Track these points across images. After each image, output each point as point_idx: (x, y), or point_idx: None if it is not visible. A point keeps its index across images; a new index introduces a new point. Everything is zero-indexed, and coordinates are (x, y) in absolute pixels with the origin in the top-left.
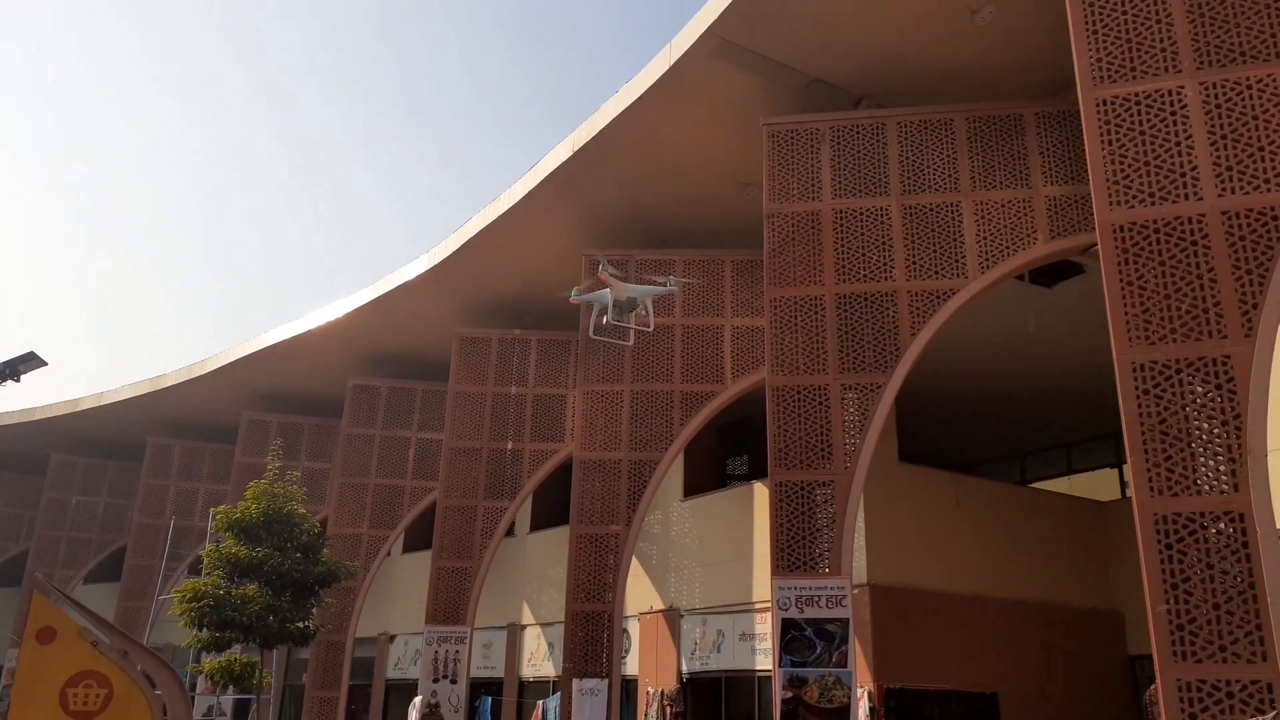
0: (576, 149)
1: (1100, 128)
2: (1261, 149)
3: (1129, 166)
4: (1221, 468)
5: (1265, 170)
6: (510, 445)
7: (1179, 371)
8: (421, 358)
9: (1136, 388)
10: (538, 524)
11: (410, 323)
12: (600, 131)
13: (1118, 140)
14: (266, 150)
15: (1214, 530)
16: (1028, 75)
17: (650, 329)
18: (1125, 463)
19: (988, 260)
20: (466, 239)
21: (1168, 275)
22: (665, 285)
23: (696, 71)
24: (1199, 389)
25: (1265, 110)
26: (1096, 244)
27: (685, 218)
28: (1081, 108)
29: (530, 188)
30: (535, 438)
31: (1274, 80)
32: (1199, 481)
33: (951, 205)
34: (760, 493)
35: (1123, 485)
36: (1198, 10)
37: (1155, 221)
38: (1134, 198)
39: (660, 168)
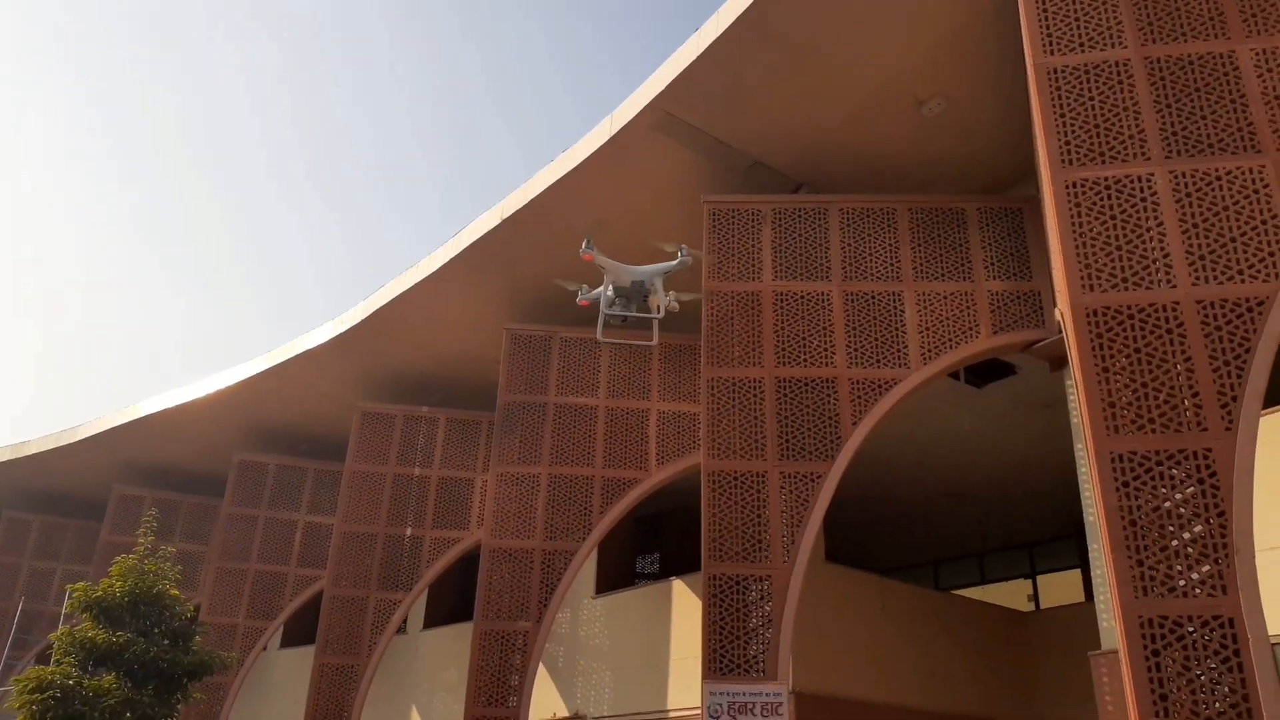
0: (505, 217)
1: (1070, 210)
2: (1234, 239)
3: (1100, 251)
4: (1207, 568)
5: (1238, 261)
6: (409, 531)
7: (1160, 464)
8: (316, 434)
9: (1116, 480)
10: (433, 620)
11: (307, 395)
12: (533, 200)
13: (1088, 224)
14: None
15: (1202, 636)
16: (971, 169)
17: (661, 314)
18: (1038, 574)
19: (930, 352)
20: (377, 307)
21: (1143, 363)
22: (677, 259)
23: (637, 144)
24: (1181, 483)
25: (1235, 201)
26: (1040, 340)
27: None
28: (1049, 190)
29: (452, 255)
30: (438, 524)
31: (1243, 172)
32: (1184, 583)
33: (894, 294)
34: (680, 591)
35: (1036, 597)
36: (1165, 100)
37: (1129, 307)
38: (1106, 282)
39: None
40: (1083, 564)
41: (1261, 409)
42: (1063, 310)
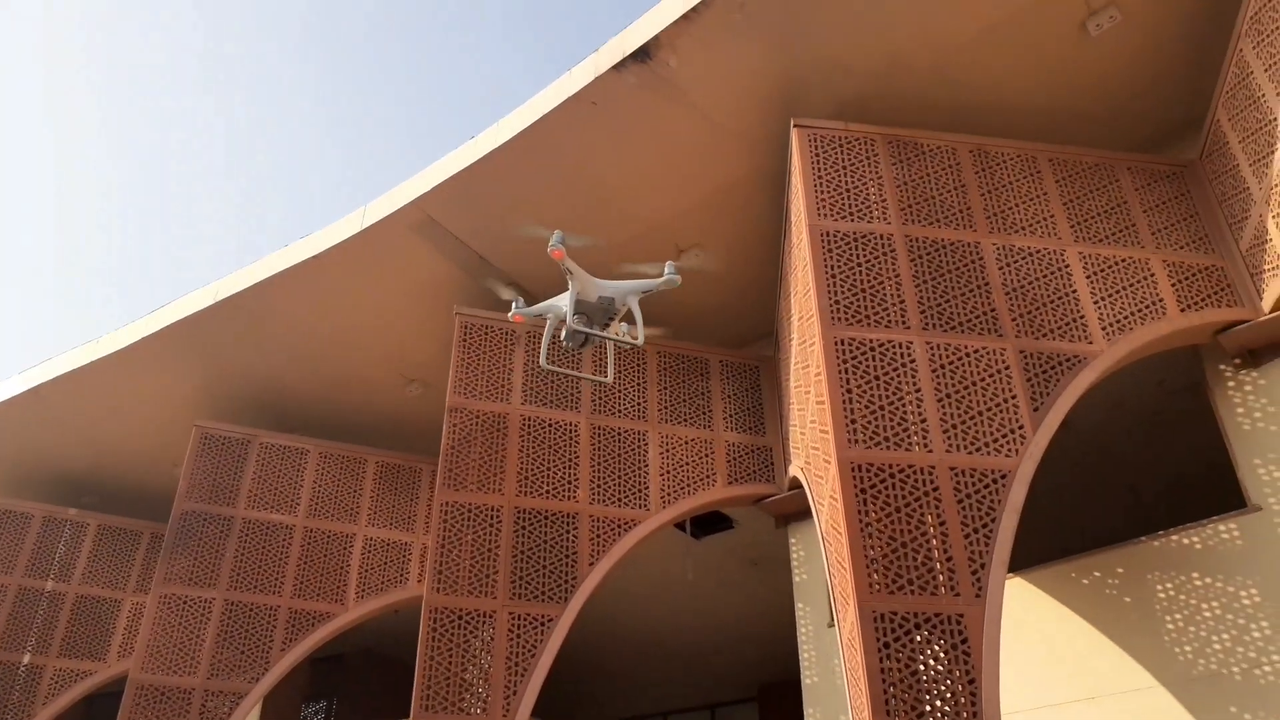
0: (220, 299)
1: (838, 365)
2: (981, 413)
3: (864, 408)
4: None
5: (985, 434)
6: (27, 659)
7: (918, 626)
8: None
9: (879, 640)
10: None
11: None
12: (258, 284)
13: (854, 381)
14: None
15: None
16: (718, 321)
17: (640, 343)
18: None
19: (670, 495)
20: (37, 383)
21: (903, 523)
22: (662, 277)
23: (392, 242)
24: (935, 646)
25: (982, 379)
26: (770, 495)
27: (331, 403)
28: (820, 344)
29: (146, 334)
30: (67, 652)
31: (989, 352)
32: None
33: (640, 433)
34: None
35: None
36: (923, 276)
37: (891, 466)
38: (870, 439)
39: (317, 341)
40: None
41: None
42: (821, 464)
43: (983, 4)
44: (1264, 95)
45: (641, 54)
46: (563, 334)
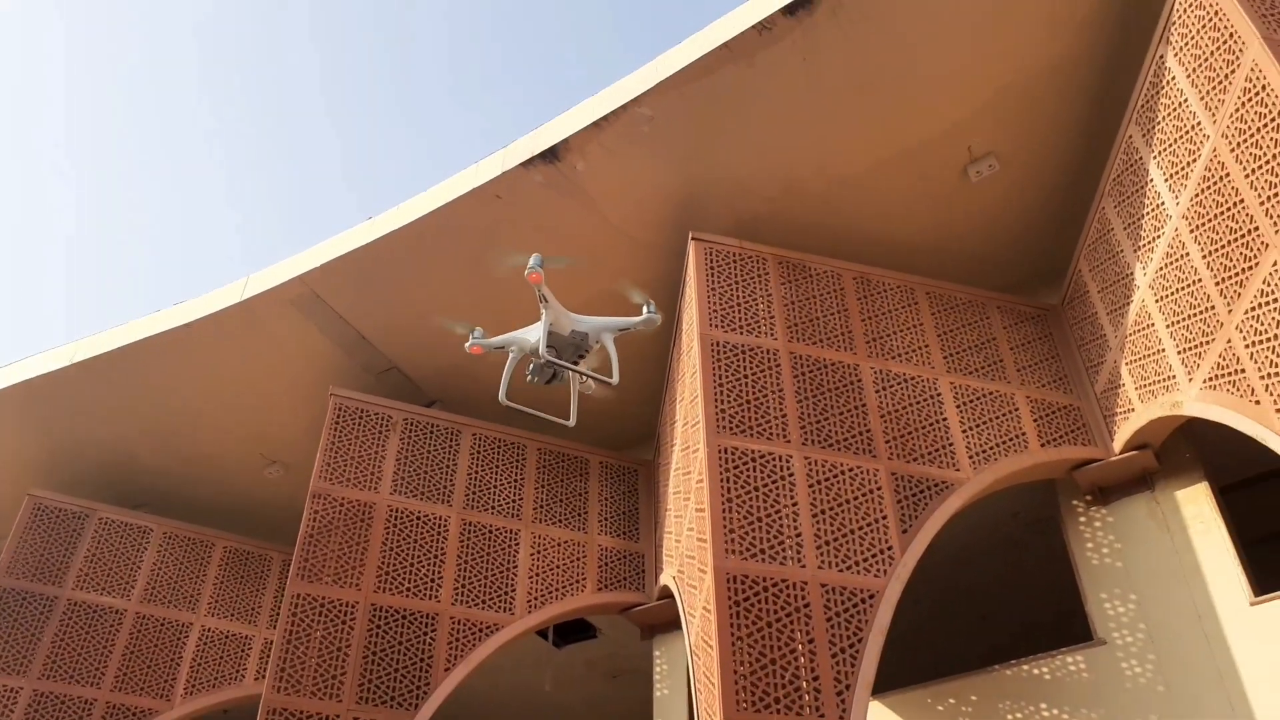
0: (74, 361)
1: (721, 473)
2: (853, 531)
3: (744, 518)
4: None
5: (856, 552)
6: None
7: None
8: None
9: None
10: None
11: None
12: (116, 350)
13: (735, 490)
14: None
15: None
16: (599, 422)
17: (615, 383)
18: None
19: (536, 600)
20: None
21: (773, 639)
22: (642, 316)
23: (272, 314)
24: None
25: (856, 497)
26: (639, 605)
27: (182, 480)
28: (705, 451)
29: None
30: None
31: (863, 472)
32: None
33: (511, 532)
34: None
35: None
36: (805, 392)
37: (765, 579)
38: (746, 550)
39: (175, 413)
40: None
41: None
42: (695, 574)
43: (874, 142)
44: (1122, 250)
45: (550, 154)
46: (530, 367)
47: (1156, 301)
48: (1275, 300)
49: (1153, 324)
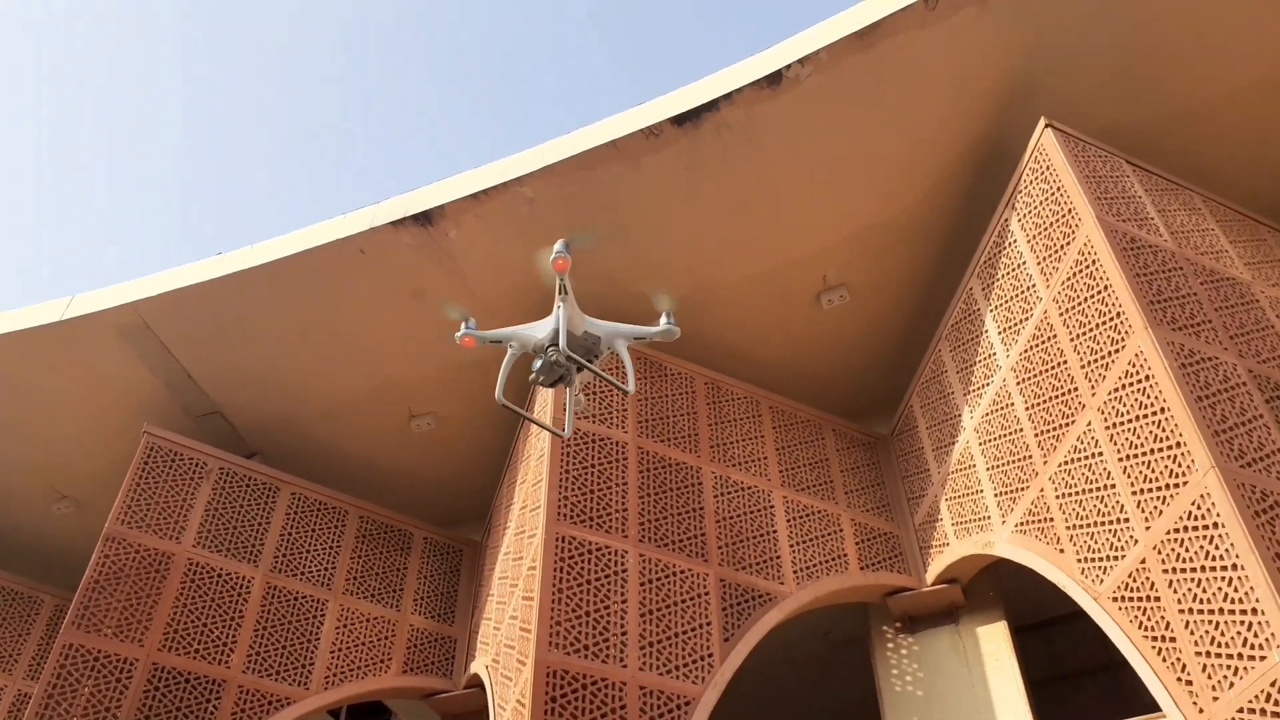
0: None
1: (555, 563)
2: (678, 634)
3: (572, 611)
4: None
5: (678, 656)
6: None
7: None
8: None
9: None
10: None
11: None
12: None
13: (567, 581)
14: None
15: None
16: (427, 497)
17: (631, 391)
18: None
19: (336, 676)
20: None
21: None
22: (660, 325)
23: (88, 340)
24: None
25: (684, 600)
26: (445, 692)
27: None
28: (542, 538)
29: None
30: None
31: (694, 575)
32: None
33: (319, 601)
34: None
35: None
36: (648, 489)
37: (585, 676)
38: (570, 645)
39: None
40: None
41: None
42: (513, 665)
43: (741, 257)
44: (953, 392)
45: (424, 218)
46: (537, 365)
47: (980, 444)
48: (1086, 457)
49: (974, 465)
